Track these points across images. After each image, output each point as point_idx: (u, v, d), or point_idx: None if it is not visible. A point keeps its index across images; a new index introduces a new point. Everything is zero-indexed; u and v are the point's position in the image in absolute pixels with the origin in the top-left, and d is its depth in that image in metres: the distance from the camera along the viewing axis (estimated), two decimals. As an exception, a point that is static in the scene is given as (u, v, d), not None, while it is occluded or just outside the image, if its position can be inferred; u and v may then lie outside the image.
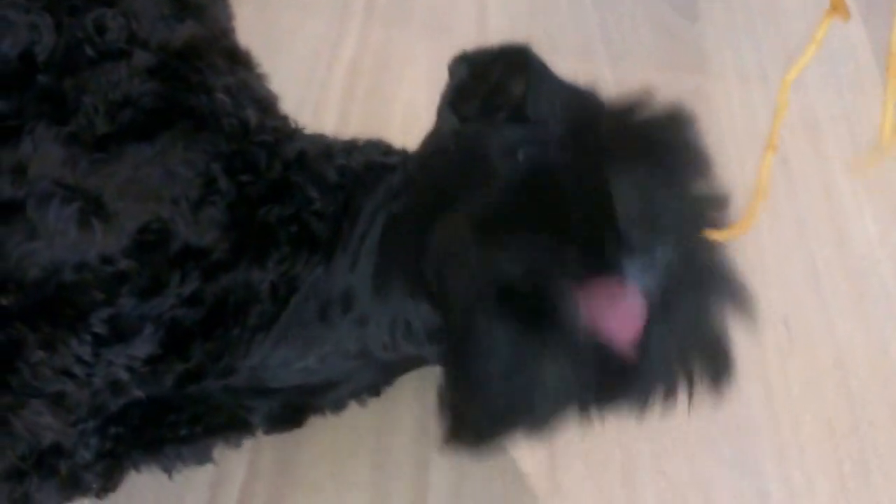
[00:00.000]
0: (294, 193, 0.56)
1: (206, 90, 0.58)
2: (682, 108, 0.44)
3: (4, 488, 0.51)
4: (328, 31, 0.94)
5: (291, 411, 0.61)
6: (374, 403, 0.66)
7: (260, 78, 0.66)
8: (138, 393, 0.53)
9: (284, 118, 0.64)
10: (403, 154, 0.62)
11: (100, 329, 0.49)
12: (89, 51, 0.57)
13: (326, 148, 0.61)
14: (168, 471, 0.59)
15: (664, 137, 0.43)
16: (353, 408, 0.65)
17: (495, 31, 0.98)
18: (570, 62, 0.56)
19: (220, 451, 0.62)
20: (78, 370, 0.49)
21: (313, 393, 0.60)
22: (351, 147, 0.62)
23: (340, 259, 0.56)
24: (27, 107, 0.53)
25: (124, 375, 0.51)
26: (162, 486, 0.62)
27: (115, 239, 0.50)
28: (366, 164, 0.60)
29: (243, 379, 0.56)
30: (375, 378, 0.62)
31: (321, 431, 0.66)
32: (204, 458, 0.60)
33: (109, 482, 0.57)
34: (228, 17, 0.70)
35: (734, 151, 0.91)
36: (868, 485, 0.71)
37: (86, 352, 0.49)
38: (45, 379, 0.48)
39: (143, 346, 0.51)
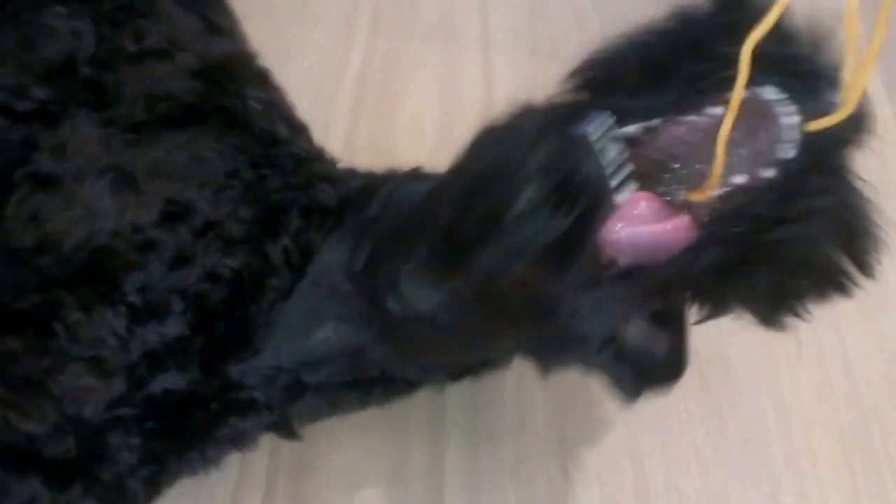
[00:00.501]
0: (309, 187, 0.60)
1: (240, 97, 0.62)
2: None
3: (48, 496, 0.52)
4: (335, 43, 0.95)
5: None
6: (389, 413, 0.66)
7: (290, 105, 0.69)
8: (174, 372, 0.54)
9: (321, 149, 0.67)
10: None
11: (133, 299, 0.52)
12: (131, 48, 0.61)
13: (363, 178, 0.63)
14: (200, 471, 0.60)
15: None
16: (369, 418, 0.65)
17: (498, 39, 0.99)
18: (571, 65, 0.56)
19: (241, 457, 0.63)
20: (113, 342, 0.52)
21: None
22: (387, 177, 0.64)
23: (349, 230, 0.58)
24: (69, 94, 0.57)
25: (159, 349, 0.53)
26: (183, 489, 0.62)
27: (144, 210, 0.54)
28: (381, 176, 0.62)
29: (276, 356, 0.57)
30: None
31: (336, 451, 0.66)
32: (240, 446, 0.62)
33: (154, 490, 0.57)
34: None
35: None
36: (882, 493, 0.71)
37: (120, 325, 0.52)
38: (82, 343, 0.50)
39: (173, 326, 0.54)
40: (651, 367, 0.57)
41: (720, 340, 0.76)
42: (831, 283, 0.43)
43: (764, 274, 0.42)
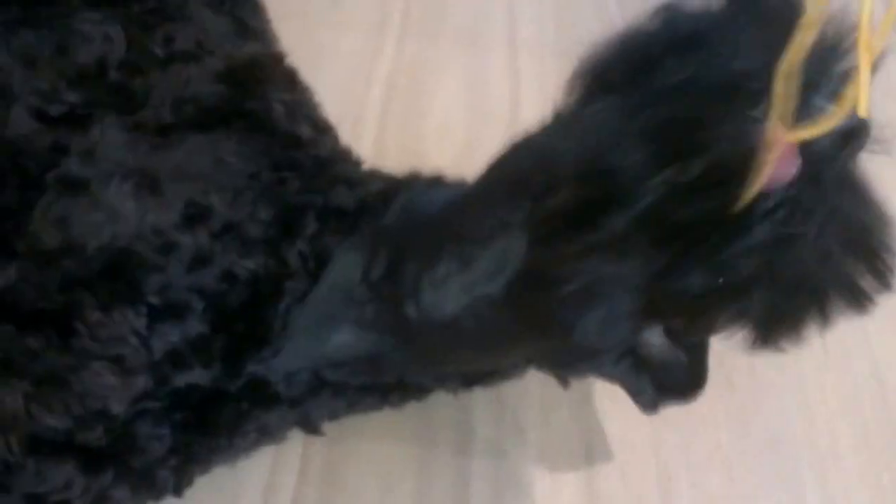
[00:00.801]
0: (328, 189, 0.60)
1: (264, 99, 0.63)
2: None
3: (82, 481, 0.53)
4: (364, 47, 0.96)
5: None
6: (416, 411, 0.67)
7: (316, 105, 0.70)
8: (198, 370, 0.55)
9: (347, 149, 0.67)
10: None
11: (153, 299, 0.53)
12: (159, 53, 0.62)
13: (383, 181, 0.63)
14: (230, 461, 0.61)
15: None
16: (397, 416, 0.66)
17: (525, 43, 0.99)
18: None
19: (273, 456, 0.64)
20: (134, 341, 0.53)
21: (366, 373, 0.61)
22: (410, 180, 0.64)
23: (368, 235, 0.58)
24: (98, 98, 0.59)
25: (181, 348, 0.54)
26: (219, 490, 0.63)
27: (165, 213, 0.55)
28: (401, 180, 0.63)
29: (294, 358, 0.58)
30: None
31: (366, 441, 0.67)
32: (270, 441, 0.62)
33: (184, 477, 0.58)
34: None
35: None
36: (909, 495, 0.70)
37: (141, 325, 0.53)
38: (103, 341, 0.52)
39: (194, 324, 0.55)
40: (671, 380, 0.57)
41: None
42: (849, 300, 0.41)
43: (761, 294, 0.41)
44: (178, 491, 0.59)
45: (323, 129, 0.68)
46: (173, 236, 0.54)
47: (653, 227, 0.40)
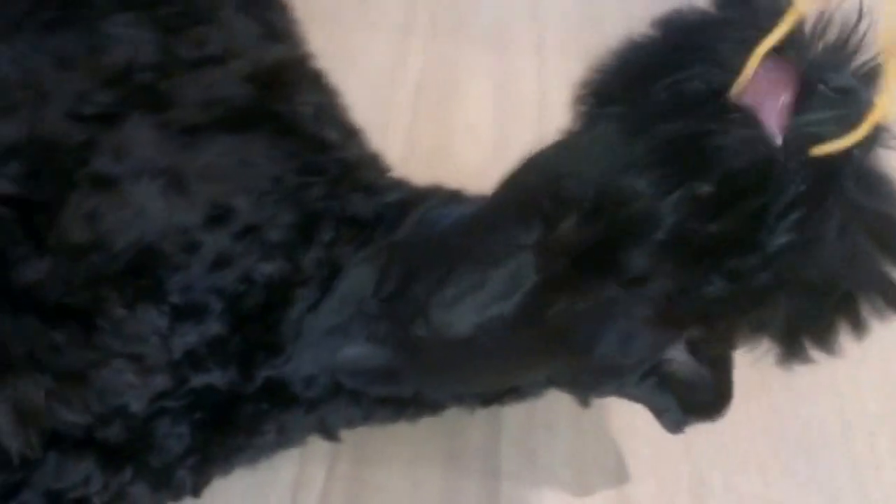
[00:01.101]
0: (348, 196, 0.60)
1: (291, 102, 0.63)
2: None
3: (100, 478, 0.53)
4: (393, 49, 0.97)
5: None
6: (443, 420, 0.66)
7: (343, 107, 0.70)
8: (216, 372, 0.56)
9: (375, 154, 0.67)
10: None
11: (175, 298, 0.54)
12: (188, 56, 0.63)
13: (402, 192, 0.63)
14: (251, 463, 0.61)
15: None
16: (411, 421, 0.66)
17: (553, 45, 0.99)
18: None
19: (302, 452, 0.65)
20: (155, 340, 0.53)
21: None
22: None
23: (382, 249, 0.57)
24: (128, 98, 0.59)
25: (199, 348, 0.55)
26: (246, 486, 0.64)
27: (191, 213, 0.55)
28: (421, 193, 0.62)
29: (308, 366, 0.57)
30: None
31: (395, 438, 0.67)
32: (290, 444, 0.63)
33: (202, 478, 0.59)
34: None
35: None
36: (949, 502, 0.69)
37: (162, 323, 0.53)
38: (125, 339, 0.52)
39: (212, 325, 0.55)
40: (695, 399, 0.56)
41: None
42: (883, 298, 0.40)
43: (784, 300, 0.40)
44: (196, 492, 0.59)
45: (350, 132, 0.68)
46: (197, 236, 0.55)
47: (673, 252, 0.39)
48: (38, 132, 0.55)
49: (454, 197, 0.61)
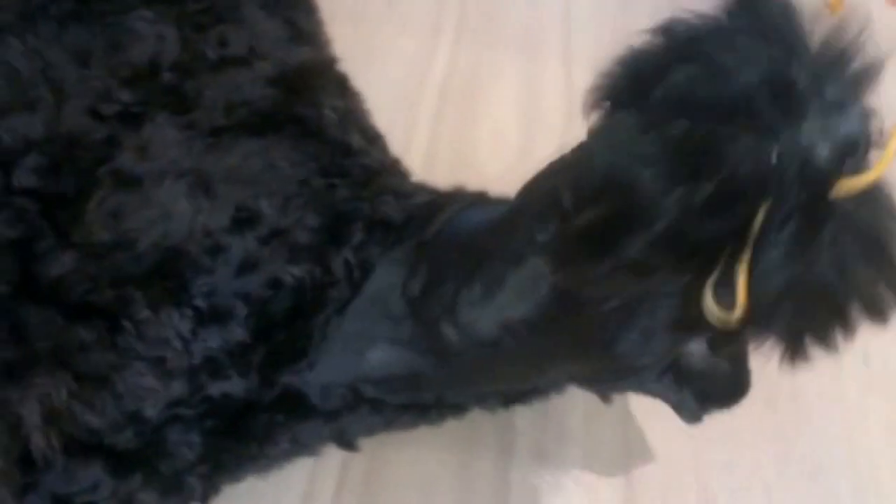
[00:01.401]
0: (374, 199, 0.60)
1: (315, 105, 0.63)
2: None
3: (109, 484, 0.53)
4: (419, 52, 0.96)
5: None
6: (456, 421, 0.66)
7: (366, 112, 0.69)
8: (235, 380, 0.55)
9: (396, 159, 0.67)
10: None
11: (199, 302, 0.53)
12: (212, 56, 0.62)
13: (429, 194, 0.63)
14: (263, 472, 0.61)
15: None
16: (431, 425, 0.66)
17: (580, 51, 0.99)
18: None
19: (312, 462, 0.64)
20: (177, 343, 0.53)
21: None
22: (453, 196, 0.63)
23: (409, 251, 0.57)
24: (152, 98, 0.59)
25: (220, 355, 0.54)
26: (259, 497, 0.63)
27: (216, 215, 0.55)
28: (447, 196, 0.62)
29: (330, 372, 0.57)
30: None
31: (406, 449, 0.67)
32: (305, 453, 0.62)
33: (211, 486, 0.58)
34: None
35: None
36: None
37: (186, 327, 0.53)
38: (148, 341, 0.51)
39: (235, 331, 0.54)
40: (713, 389, 0.56)
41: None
42: (868, 311, 0.41)
43: (784, 308, 0.40)
44: (204, 499, 0.58)
45: (372, 137, 0.67)
46: (223, 239, 0.54)
47: (671, 247, 0.40)
48: (59, 128, 0.55)
49: (480, 199, 0.61)
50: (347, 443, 0.62)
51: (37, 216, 0.51)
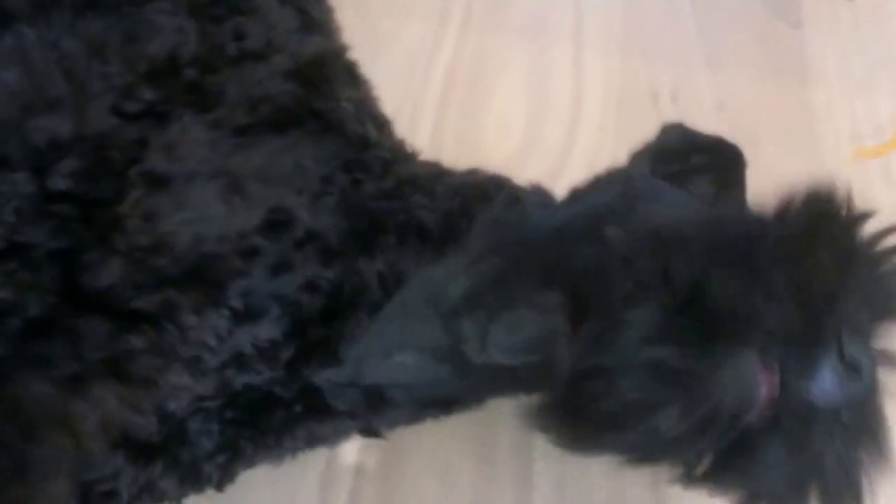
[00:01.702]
0: (404, 196, 0.60)
1: (333, 98, 0.62)
2: None
3: (130, 472, 0.54)
4: (425, 37, 0.95)
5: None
6: (475, 412, 0.66)
7: (375, 100, 0.69)
8: (261, 372, 0.56)
9: (401, 141, 0.67)
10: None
11: (236, 303, 0.53)
12: (231, 51, 0.61)
13: (440, 174, 0.63)
14: (279, 461, 0.62)
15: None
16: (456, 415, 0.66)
17: (590, 38, 0.97)
18: (665, 66, 0.54)
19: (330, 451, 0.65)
20: (214, 343, 0.53)
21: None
22: (468, 176, 0.63)
23: (452, 255, 0.57)
24: (175, 95, 0.58)
25: (250, 350, 0.55)
26: (275, 486, 0.64)
27: (250, 216, 0.54)
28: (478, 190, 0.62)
29: (350, 372, 0.57)
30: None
31: (425, 437, 0.67)
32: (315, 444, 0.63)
33: (227, 474, 0.59)
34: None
35: (832, 163, 0.87)
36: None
37: (223, 328, 0.53)
38: (190, 343, 0.52)
39: (268, 328, 0.55)
40: None
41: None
42: None
43: None
44: (220, 486, 0.59)
45: (382, 125, 0.67)
46: (256, 241, 0.54)
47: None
48: (86, 129, 0.53)
49: (517, 199, 0.61)
50: (375, 434, 0.63)
51: (76, 223, 0.49)
